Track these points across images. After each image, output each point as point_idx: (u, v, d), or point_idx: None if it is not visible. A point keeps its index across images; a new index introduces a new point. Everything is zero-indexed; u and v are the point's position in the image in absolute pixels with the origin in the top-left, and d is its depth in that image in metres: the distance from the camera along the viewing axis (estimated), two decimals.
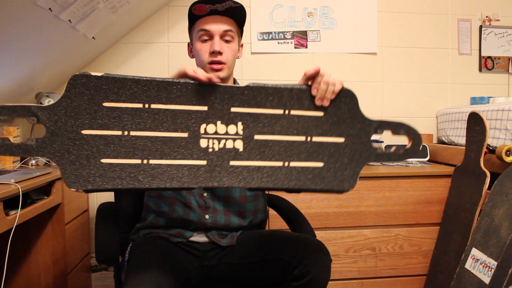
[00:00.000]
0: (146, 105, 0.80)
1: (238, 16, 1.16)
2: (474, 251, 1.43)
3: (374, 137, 2.19)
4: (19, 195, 1.17)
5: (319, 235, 1.69)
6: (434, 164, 1.96)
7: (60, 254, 1.52)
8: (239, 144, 0.84)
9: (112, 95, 0.79)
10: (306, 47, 2.11)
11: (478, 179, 1.57)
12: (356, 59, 2.15)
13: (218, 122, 0.83)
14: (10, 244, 1.20)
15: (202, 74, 0.81)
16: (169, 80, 0.82)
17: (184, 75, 0.83)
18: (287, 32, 2.10)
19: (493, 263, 1.33)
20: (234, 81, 1.26)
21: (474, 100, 2.16)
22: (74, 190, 0.77)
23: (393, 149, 0.90)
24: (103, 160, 0.78)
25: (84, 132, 0.78)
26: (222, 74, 1.13)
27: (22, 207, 1.19)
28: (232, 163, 0.83)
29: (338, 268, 1.72)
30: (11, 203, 1.18)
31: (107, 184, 0.78)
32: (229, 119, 0.84)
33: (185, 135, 0.82)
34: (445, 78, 2.22)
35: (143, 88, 0.80)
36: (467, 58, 2.23)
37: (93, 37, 1.71)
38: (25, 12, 1.25)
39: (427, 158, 2.01)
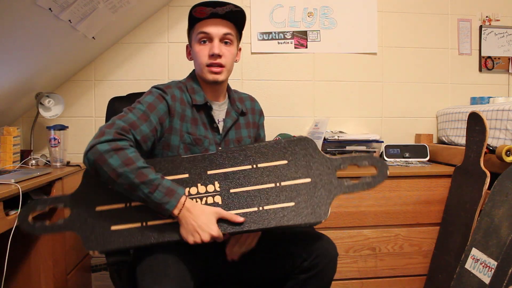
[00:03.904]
0: None
1: (238, 20, 1.17)
2: (474, 251, 1.43)
3: (374, 137, 2.18)
4: (19, 195, 1.17)
5: None
6: (434, 164, 1.95)
7: (60, 254, 1.51)
8: (218, 199, 1.02)
9: None
10: (306, 47, 2.11)
11: (478, 179, 1.57)
12: (356, 59, 2.15)
13: (198, 185, 1.03)
14: (10, 244, 1.20)
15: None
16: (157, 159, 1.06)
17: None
18: (287, 32, 2.10)
19: (493, 263, 1.33)
20: (228, 86, 1.26)
21: (474, 100, 2.16)
22: (92, 252, 0.96)
23: (359, 179, 1.06)
24: (113, 227, 0.98)
25: (98, 209, 1.00)
26: (221, 77, 1.14)
27: (22, 207, 1.19)
28: None
29: (338, 268, 1.68)
30: (11, 203, 1.18)
31: (117, 245, 0.98)
32: (207, 180, 1.04)
33: None
34: (445, 78, 2.22)
35: None
36: (467, 58, 2.23)
37: (93, 37, 1.71)
38: (25, 12, 1.25)
39: (427, 158, 2.01)
